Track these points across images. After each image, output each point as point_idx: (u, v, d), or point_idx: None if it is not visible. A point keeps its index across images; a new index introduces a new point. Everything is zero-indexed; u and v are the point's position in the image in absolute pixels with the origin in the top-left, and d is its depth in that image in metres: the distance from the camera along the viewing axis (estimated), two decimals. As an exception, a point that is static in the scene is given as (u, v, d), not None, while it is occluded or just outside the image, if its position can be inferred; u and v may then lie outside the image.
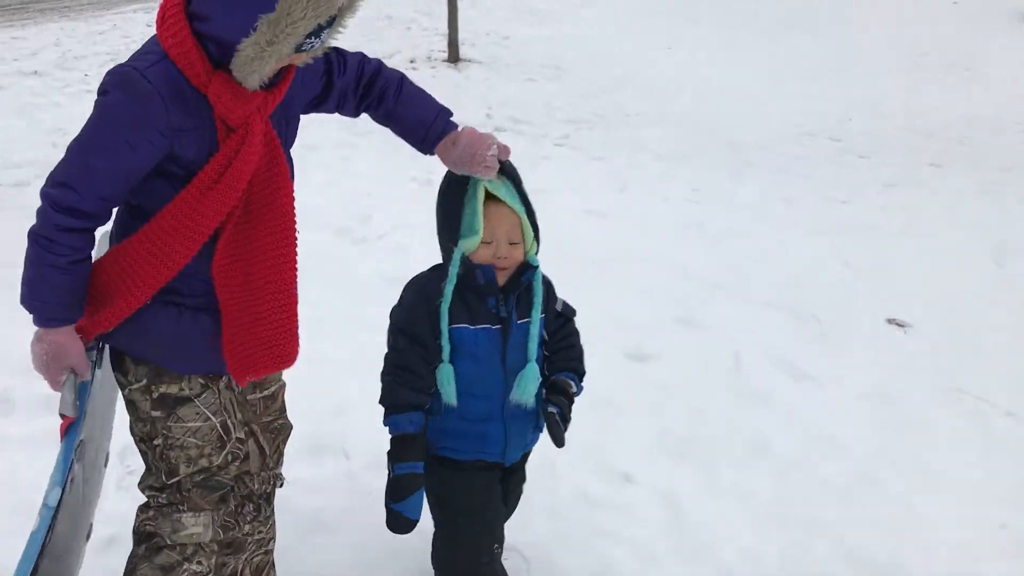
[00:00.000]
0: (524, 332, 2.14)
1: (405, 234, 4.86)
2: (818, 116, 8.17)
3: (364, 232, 4.93)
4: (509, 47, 10.21)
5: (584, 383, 2.27)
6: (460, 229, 2.10)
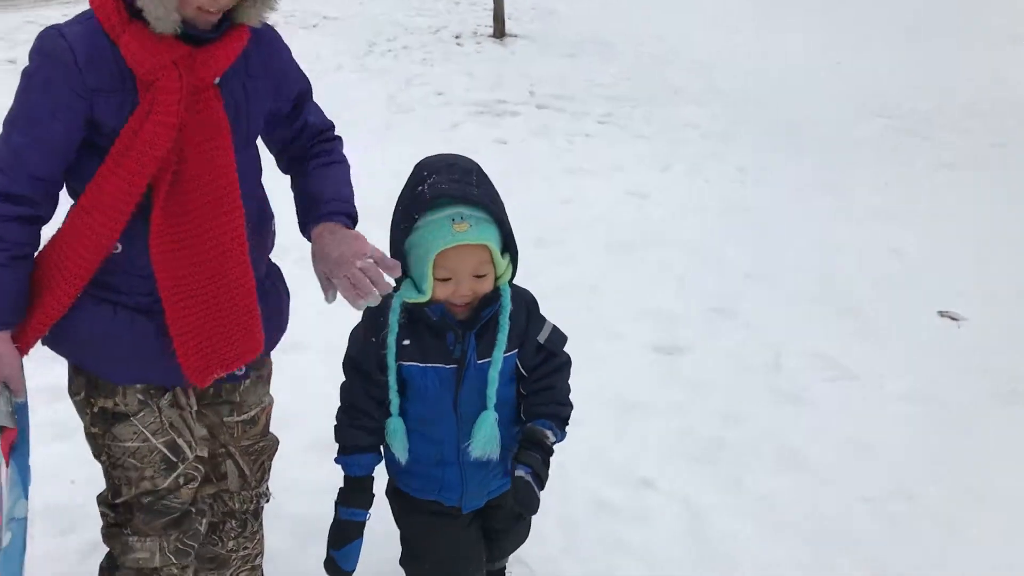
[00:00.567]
0: (483, 374, 1.84)
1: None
2: (875, 93, 7.81)
3: (390, 211, 4.77)
4: (555, 22, 10.00)
5: (568, 429, 1.98)
6: (404, 270, 1.75)
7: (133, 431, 1.73)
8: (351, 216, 1.79)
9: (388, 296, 1.76)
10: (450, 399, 1.86)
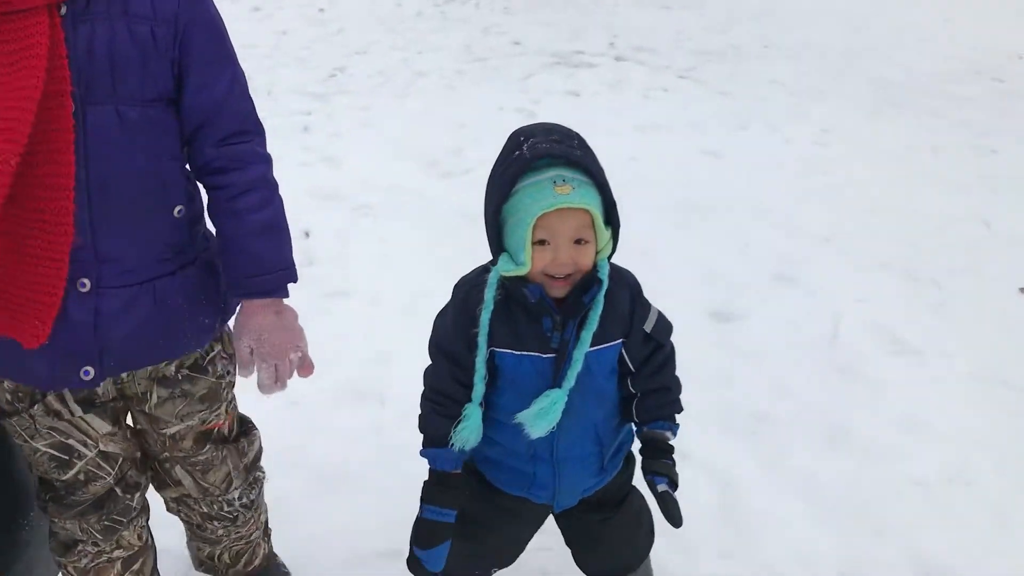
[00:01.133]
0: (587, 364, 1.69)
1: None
2: (985, 50, 7.30)
3: (451, 166, 4.71)
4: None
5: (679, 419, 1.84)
6: (500, 242, 1.64)
7: (13, 430, 1.62)
8: (292, 282, 1.62)
9: (483, 271, 1.70)
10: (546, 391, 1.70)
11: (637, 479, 1.90)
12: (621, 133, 5.22)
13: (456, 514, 1.79)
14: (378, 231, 4.02)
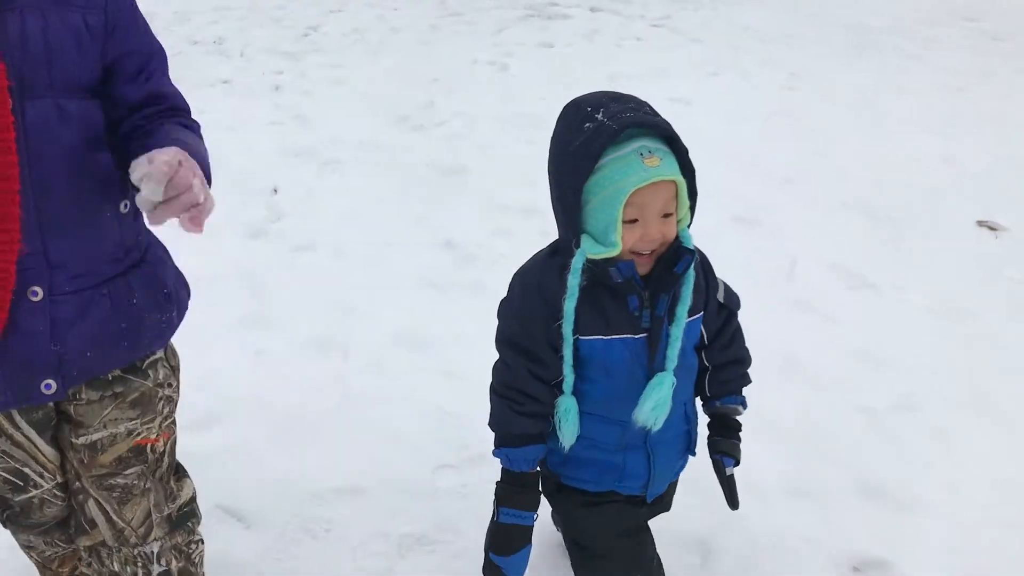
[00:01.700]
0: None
1: (465, 122, 4.68)
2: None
3: (423, 119, 4.75)
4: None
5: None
6: (584, 226, 1.51)
7: None
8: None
9: (550, 254, 1.61)
10: (643, 373, 1.60)
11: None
12: (595, 83, 5.16)
13: (536, 516, 1.69)
14: (346, 185, 4.07)
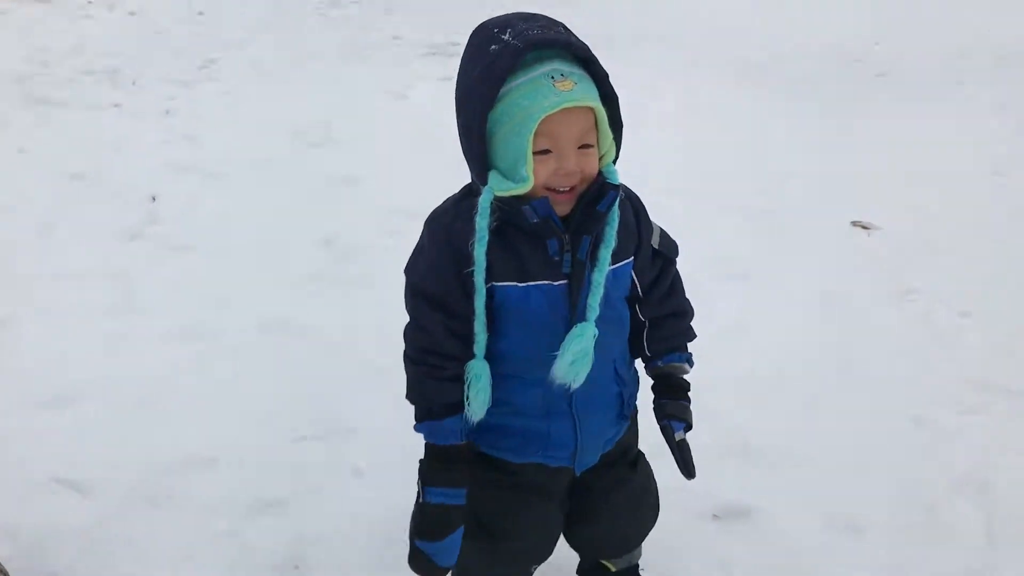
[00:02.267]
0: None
1: (363, 140, 4.64)
2: (849, 35, 7.64)
3: (319, 138, 4.72)
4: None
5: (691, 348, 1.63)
6: (493, 161, 1.34)
7: None
8: None
9: (462, 197, 1.43)
10: (563, 326, 1.41)
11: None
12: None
13: (466, 494, 1.48)
14: (231, 193, 4.02)
